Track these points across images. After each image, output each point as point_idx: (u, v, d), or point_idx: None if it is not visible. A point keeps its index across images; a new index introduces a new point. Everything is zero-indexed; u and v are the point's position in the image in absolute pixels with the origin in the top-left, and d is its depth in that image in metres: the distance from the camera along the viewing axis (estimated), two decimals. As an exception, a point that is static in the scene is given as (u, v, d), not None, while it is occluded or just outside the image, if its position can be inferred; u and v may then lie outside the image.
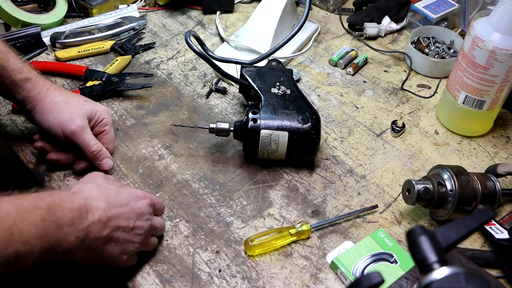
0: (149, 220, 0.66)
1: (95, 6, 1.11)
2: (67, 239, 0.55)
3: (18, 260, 0.50)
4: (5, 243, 0.48)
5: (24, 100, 0.76)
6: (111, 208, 0.61)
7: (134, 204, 0.64)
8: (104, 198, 0.61)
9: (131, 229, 0.63)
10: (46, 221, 0.53)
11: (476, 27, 0.80)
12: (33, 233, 0.51)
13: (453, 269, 0.43)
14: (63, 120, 0.75)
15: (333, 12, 1.21)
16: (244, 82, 0.87)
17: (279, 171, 0.82)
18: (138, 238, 0.64)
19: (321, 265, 0.70)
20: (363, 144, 0.89)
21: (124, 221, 0.62)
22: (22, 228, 0.50)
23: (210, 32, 1.12)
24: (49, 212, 0.54)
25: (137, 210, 0.64)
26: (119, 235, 0.61)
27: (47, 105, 0.76)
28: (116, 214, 0.61)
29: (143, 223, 0.64)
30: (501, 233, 0.72)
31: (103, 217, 0.59)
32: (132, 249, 0.64)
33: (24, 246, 0.50)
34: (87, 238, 0.57)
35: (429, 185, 0.72)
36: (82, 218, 0.57)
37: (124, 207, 0.62)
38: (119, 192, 0.64)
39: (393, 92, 1.00)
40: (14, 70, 0.74)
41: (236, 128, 0.80)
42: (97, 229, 0.58)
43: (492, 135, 0.92)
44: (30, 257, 0.51)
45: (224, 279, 0.68)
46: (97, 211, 0.59)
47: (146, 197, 0.66)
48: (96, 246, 0.59)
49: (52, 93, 0.77)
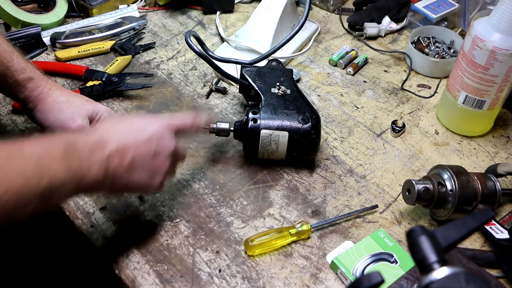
0: (172, 143, 0.65)
1: (95, 6, 1.11)
2: (91, 171, 0.56)
3: (52, 193, 0.52)
4: (37, 178, 0.51)
5: (26, 100, 0.77)
6: (126, 136, 0.61)
7: (150, 128, 0.64)
8: (118, 128, 0.62)
9: (153, 155, 0.63)
10: (68, 155, 0.54)
11: (476, 27, 0.80)
12: (59, 167, 0.53)
13: (453, 269, 0.43)
14: (64, 119, 0.76)
15: (333, 12, 1.21)
16: (244, 82, 0.87)
17: (279, 171, 0.82)
18: (164, 162, 0.64)
19: (321, 265, 0.70)
20: (363, 144, 0.89)
21: (143, 147, 0.62)
22: (48, 163, 0.52)
23: (210, 32, 1.12)
24: (68, 147, 0.55)
25: (155, 135, 0.64)
26: (142, 161, 0.62)
27: (48, 104, 0.76)
28: (133, 141, 0.61)
29: (165, 146, 0.64)
30: (501, 233, 0.72)
31: (120, 146, 0.60)
32: (161, 173, 0.64)
33: (54, 179, 0.52)
34: (110, 167, 0.58)
35: (429, 185, 0.72)
36: (100, 150, 0.58)
37: (140, 133, 0.63)
38: (133, 122, 0.65)
39: (393, 92, 1.00)
40: (17, 70, 0.75)
41: (236, 128, 0.80)
42: (117, 159, 0.59)
43: (492, 135, 0.92)
44: (61, 190, 0.53)
45: (224, 279, 0.68)
46: (113, 142, 0.59)
47: (162, 121, 0.66)
48: (121, 175, 0.60)
49: (54, 92, 0.77)
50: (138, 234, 0.72)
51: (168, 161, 0.65)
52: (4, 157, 0.50)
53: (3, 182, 0.48)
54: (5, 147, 0.51)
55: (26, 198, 0.50)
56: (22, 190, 0.49)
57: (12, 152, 0.51)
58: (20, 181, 0.49)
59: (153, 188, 0.65)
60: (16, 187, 0.49)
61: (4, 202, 0.48)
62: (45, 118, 0.76)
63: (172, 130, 0.67)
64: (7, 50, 0.75)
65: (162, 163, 0.64)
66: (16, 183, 0.49)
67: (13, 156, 0.51)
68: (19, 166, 0.50)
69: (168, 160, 0.65)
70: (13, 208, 0.49)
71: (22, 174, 0.50)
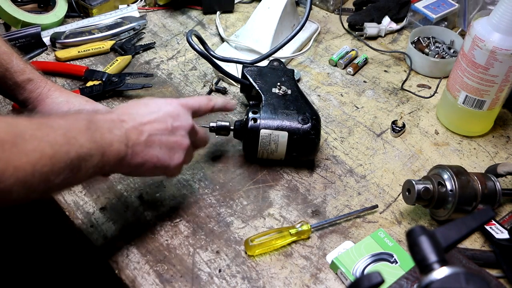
0: (189, 120, 0.67)
1: (95, 6, 1.11)
2: (112, 145, 0.58)
3: (80, 164, 0.54)
4: (66, 147, 0.53)
5: (26, 101, 0.77)
6: (142, 115, 0.63)
7: (166, 108, 0.65)
8: (134, 110, 0.64)
9: (171, 131, 0.64)
10: (91, 129, 0.56)
11: (476, 27, 0.80)
12: (85, 139, 0.55)
13: (453, 269, 0.43)
14: None
15: (333, 12, 1.21)
16: (245, 82, 0.87)
17: (279, 171, 0.82)
18: (182, 139, 0.66)
19: (321, 265, 0.70)
20: (363, 144, 0.89)
21: (160, 124, 0.64)
22: (75, 135, 0.54)
23: (210, 32, 1.12)
24: (90, 122, 0.57)
25: (170, 113, 0.65)
26: (160, 138, 0.63)
27: (48, 105, 0.77)
28: (148, 119, 0.63)
29: (182, 123, 0.66)
30: (501, 233, 0.72)
31: (137, 124, 0.62)
32: (181, 150, 0.66)
33: (81, 149, 0.54)
34: (129, 144, 0.60)
35: (429, 185, 0.72)
36: (118, 127, 0.60)
37: (156, 113, 0.64)
38: (148, 103, 0.66)
39: (393, 92, 1.00)
40: (16, 71, 0.75)
41: (236, 127, 0.80)
42: (134, 135, 0.61)
43: (492, 135, 0.92)
44: (89, 162, 0.55)
45: (224, 279, 0.68)
46: (129, 121, 0.61)
47: (175, 101, 0.68)
48: (140, 151, 0.61)
49: (53, 93, 0.78)
50: (138, 234, 0.72)
51: (187, 138, 0.66)
52: (34, 128, 0.52)
53: (37, 149, 0.50)
54: (34, 120, 0.53)
55: (58, 166, 0.51)
56: (55, 158, 0.51)
57: (42, 124, 0.53)
58: (51, 150, 0.51)
59: (172, 165, 0.65)
60: (49, 154, 0.51)
61: (40, 168, 0.50)
62: None
63: (188, 109, 0.68)
64: (6, 51, 0.75)
65: (180, 139, 0.65)
66: (49, 151, 0.51)
67: (43, 127, 0.53)
68: (49, 136, 0.52)
69: (187, 138, 0.66)
70: (48, 175, 0.51)
71: (53, 143, 0.52)
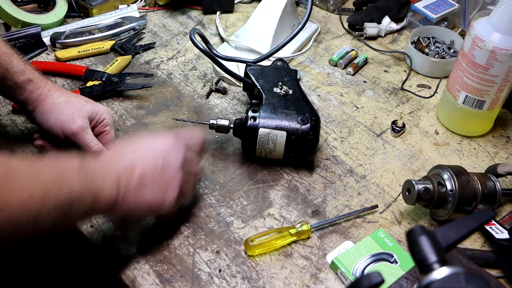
0: (179, 156, 0.65)
1: (95, 6, 1.11)
2: (104, 189, 0.58)
3: (70, 207, 0.54)
4: (57, 188, 0.53)
5: (26, 102, 0.77)
6: (133, 153, 0.63)
7: (156, 143, 0.65)
8: (126, 150, 0.64)
9: (162, 167, 0.63)
10: (82, 173, 0.57)
11: (476, 27, 0.80)
12: (76, 182, 0.55)
13: (453, 269, 0.43)
14: (63, 120, 0.75)
15: (333, 12, 1.21)
16: (248, 81, 0.87)
17: (279, 171, 0.82)
18: (175, 175, 0.64)
19: (321, 265, 0.70)
20: (363, 144, 0.89)
21: (150, 160, 0.63)
22: (66, 176, 0.55)
23: (210, 32, 1.12)
24: (81, 167, 0.57)
25: (162, 149, 0.64)
26: (152, 177, 0.62)
27: (48, 106, 0.76)
28: (139, 157, 0.63)
29: (173, 158, 0.64)
30: (501, 233, 0.72)
31: (128, 164, 0.61)
32: (174, 187, 0.64)
33: (72, 191, 0.54)
34: (121, 186, 0.59)
35: (429, 185, 0.72)
36: (109, 169, 0.60)
37: (146, 149, 0.64)
38: (139, 141, 0.66)
39: (393, 92, 1.00)
40: (16, 72, 0.75)
41: (236, 125, 0.80)
42: (126, 175, 0.60)
43: (492, 135, 0.92)
44: (79, 204, 0.55)
45: (224, 279, 0.68)
46: (120, 161, 0.61)
47: (169, 136, 0.67)
48: (132, 193, 0.61)
49: (53, 94, 0.77)
50: (138, 234, 0.72)
51: (179, 174, 0.64)
52: (27, 166, 0.52)
53: (28, 187, 0.50)
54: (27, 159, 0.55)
55: (48, 207, 0.51)
56: (45, 197, 0.51)
57: (34, 163, 0.54)
58: (42, 189, 0.51)
59: (166, 205, 0.64)
60: (40, 194, 0.51)
61: (30, 206, 0.49)
62: (45, 120, 0.76)
63: (180, 143, 0.67)
64: (6, 52, 0.75)
65: (173, 176, 0.64)
66: (40, 190, 0.51)
67: (35, 166, 0.54)
68: (41, 175, 0.53)
69: (179, 174, 0.64)
70: (37, 214, 0.50)
71: (44, 182, 0.52)
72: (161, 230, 0.73)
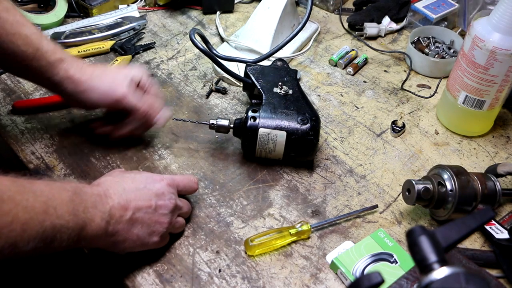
0: (172, 199, 0.67)
1: (95, 6, 1.11)
2: (94, 220, 0.58)
3: (54, 235, 0.53)
4: (43, 216, 0.52)
5: (63, 82, 0.75)
6: (128, 192, 0.63)
7: (152, 186, 0.66)
8: (121, 185, 0.64)
9: (154, 210, 0.64)
10: (74, 201, 0.56)
11: (476, 27, 0.80)
12: (65, 210, 0.55)
13: (453, 269, 0.43)
14: (107, 90, 0.77)
15: (333, 12, 1.21)
16: (248, 80, 0.87)
17: (279, 171, 0.83)
18: (164, 218, 0.65)
19: (321, 265, 0.70)
20: (363, 144, 0.89)
21: (144, 202, 0.64)
22: (56, 204, 0.54)
23: (210, 32, 1.12)
24: (75, 194, 0.57)
25: (156, 191, 0.65)
26: (143, 216, 0.63)
27: (87, 81, 0.76)
28: (134, 197, 0.63)
29: (165, 202, 0.66)
30: (501, 233, 0.72)
31: (122, 201, 0.62)
32: (161, 229, 0.65)
33: (59, 220, 0.53)
34: (111, 222, 0.60)
35: (429, 185, 0.72)
36: (103, 202, 0.60)
37: (142, 190, 0.65)
38: (135, 178, 0.66)
39: (393, 92, 1.00)
40: (48, 51, 0.73)
41: (236, 125, 0.81)
42: (118, 213, 0.61)
43: (492, 135, 0.92)
44: (64, 234, 0.54)
45: (224, 279, 0.68)
46: (115, 197, 0.62)
47: (163, 178, 0.68)
48: (121, 229, 0.61)
49: (87, 69, 0.77)
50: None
51: (168, 217, 0.66)
52: (14, 190, 0.51)
53: (10, 213, 0.49)
54: (17, 182, 0.53)
55: (29, 234, 0.51)
56: (26, 225, 0.50)
57: (24, 187, 0.53)
58: (25, 216, 0.51)
59: (151, 243, 0.66)
60: (21, 221, 0.50)
61: (7, 232, 0.49)
62: (89, 95, 0.76)
63: (174, 188, 0.68)
64: (35, 32, 0.73)
65: (162, 219, 0.65)
66: (22, 217, 0.50)
67: (23, 191, 0.52)
68: (28, 201, 0.52)
69: (168, 217, 0.66)
70: (15, 241, 0.50)
71: (29, 209, 0.51)
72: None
